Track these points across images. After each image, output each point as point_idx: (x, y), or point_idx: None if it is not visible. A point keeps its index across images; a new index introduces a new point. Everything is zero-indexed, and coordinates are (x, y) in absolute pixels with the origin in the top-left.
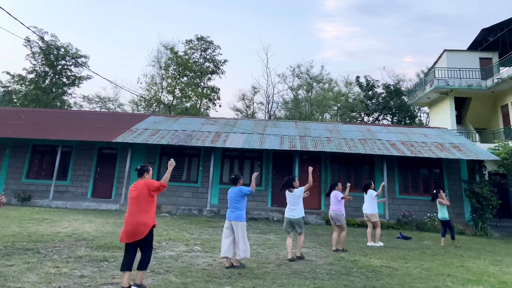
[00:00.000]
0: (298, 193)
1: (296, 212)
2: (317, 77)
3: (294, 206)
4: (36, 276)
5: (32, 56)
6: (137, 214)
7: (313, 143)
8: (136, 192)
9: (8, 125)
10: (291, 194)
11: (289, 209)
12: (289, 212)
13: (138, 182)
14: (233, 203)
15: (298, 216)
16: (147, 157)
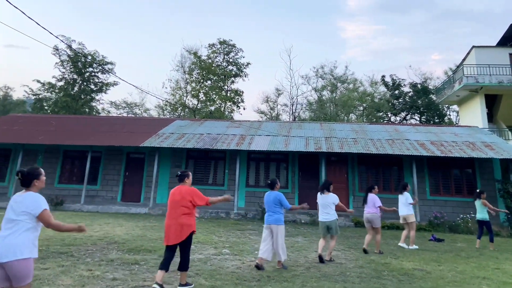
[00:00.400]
0: (332, 199)
1: (330, 215)
2: (341, 78)
3: (326, 209)
4: (70, 279)
5: (61, 64)
6: (179, 217)
7: (339, 144)
8: (180, 197)
9: (40, 131)
10: (325, 197)
11: (323, 213)
12: (324, 215)
13: (182, 187)
14: (271, 207)
15: (333, 218)
16: (173, 161)
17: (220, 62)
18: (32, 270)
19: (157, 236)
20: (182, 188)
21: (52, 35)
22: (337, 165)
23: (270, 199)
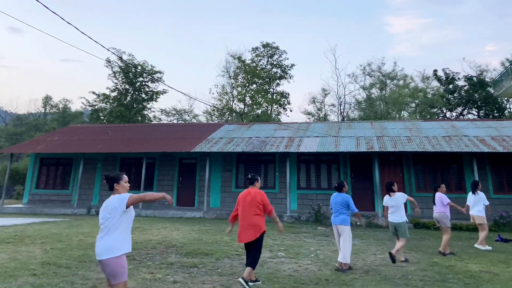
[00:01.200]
0: (399, 199)
1: (398, 216)
2: (390, 74)
3: (395, 209)
4: (134, 282)
5: (114, 76)
6: (251, 218)
7: (392, 143)
8: (250, 198)
9: (98, 140)
10: (391, 199)
11: (391, 213)
12: (392, 216)
13: (251, 190)
14: (337, 208)
15: (401, 220)
16: (224, 165)
17: (264, 65)
18: (125, 267)
19: (213, 239)
20: (252, 190)
21: (104, 48)
22: (391, 165)
23: (338, 201)
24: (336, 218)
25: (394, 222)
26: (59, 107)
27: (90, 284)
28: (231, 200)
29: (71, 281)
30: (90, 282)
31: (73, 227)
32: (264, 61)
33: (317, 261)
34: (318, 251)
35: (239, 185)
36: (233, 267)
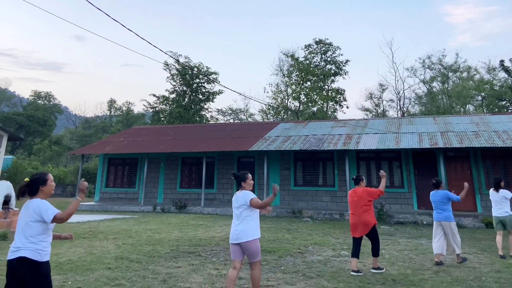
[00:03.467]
0: (506, 195)
1: (504, 210)
2: (453, 66)
3: (500, 205)
4: (200, 277)
5: (172, 78)
6: (362, 214)
7: (458, 138)
8: (357, 197)
9: (160, 141)
10: (496, 194)
11: (496, 208)
12: (497, 210)
13: (357, 189)
14: (439, 205)
15: (507, 214)
16: (282, 163)
17: (318, 62)
18: (260, 249)
19: (274, 237)
20: (358, 190)
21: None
22: (458, 162)
23: (438, 198)
24: (440, 215)
25: (500, 216)
26: (123, 110)
27: (161, 278)
28: (290, 198)
29: (142, 275)
30: (160, 277)
31: (141, 224)
32: (318, 58)
33: (382, 260)
34: (383, 251)
35: (298, 183)
36: (296, 265)
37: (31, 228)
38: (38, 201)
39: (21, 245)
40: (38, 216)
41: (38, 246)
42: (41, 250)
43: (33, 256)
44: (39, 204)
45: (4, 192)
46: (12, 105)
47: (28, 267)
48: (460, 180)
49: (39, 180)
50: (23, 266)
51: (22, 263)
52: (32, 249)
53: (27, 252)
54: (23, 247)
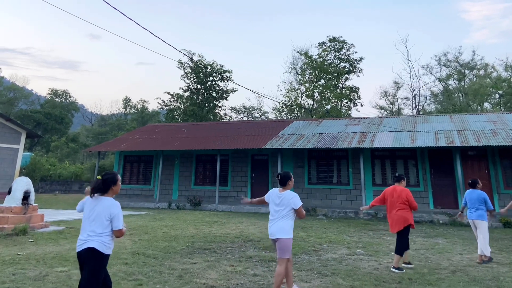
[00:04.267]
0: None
1: None
2: (469, 64)
3: None
4: (216, 273)
5: (186, 76)
6: (397, 211)
7: (475, 137)
8: (396, 195)
9: (174, 138)
10: None
11: None
12: None
13: (397, 187)
14: (475, 203)
15: None
16: (295, 161)
17: (331, 60)
18: (290, 247)
19: None
20: (397, 188)
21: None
22: (475, 160)
23: (474, 197)
24: (473, 214)
25: None
26: (138, 108)
27: (177, 274)
28: (304, 196)
29: (159, 271)
30: (176, 272)
31: (156, 220)
32: (332, 56)
33: None
34: None
35: (312, 181)
36: (311, 262)
37: (102, 223)
38: (115, 204)
39: (89, 237)
40: (110, 217)
41: (105, 239)
42: (107, 243)
43: (100, 248)
44: (116, 208)
45: (24, 188)
46: (30, 103)
47: (93, 255)
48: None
49: (112, 180)
50: (89, 255)
51: (89, 252)
52: (100, 241)
53: (95, 244)
54: (91, 239)
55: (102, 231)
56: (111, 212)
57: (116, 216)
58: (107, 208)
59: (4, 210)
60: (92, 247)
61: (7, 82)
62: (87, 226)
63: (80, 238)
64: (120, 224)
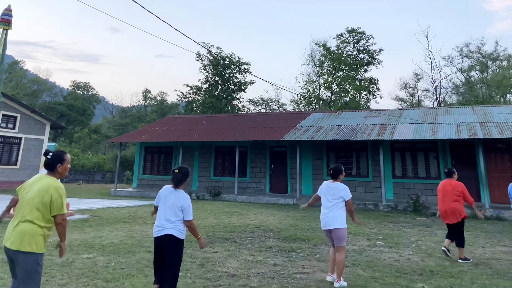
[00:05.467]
0: None
1: None
2: (492, 55)
3: None
4: (237, 263)
5: (204, 69)
6: (450, 203)
7: (498, 129)
8: (451, 188)
9: (193, 130)
10: None
11: None
12: None
13: (451, 181)
14: None
15: None
16: (314, 153)
17: (350, 52)
18: (345, 235)
19: (308, 226)
20: (452, 181)
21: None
22: (498, 153)
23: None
24: None
25: None
26: (157, 100)
27: (198, 262)
28: None
29: None
30: (198, 261)
31: None
32: (350, 47)
33: (419, 251)
34: (420, 242)
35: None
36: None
37: (175, 213)
38: (186, 198)
39: (167, 225)
40: (181, 208)
41: (180, 226)
42: (181, 230)
43: (176, 234)
44: (186, 201)
45: None
46: (53, 95)
47: (171, 241)
48: (500, 172)
49: (187, 174)
50: (168, 240)
51: (167, 239)
52: (176, 228)
53: (172, 230)
54: (168, 227)
55: (175, 219)
56: (182, 204)
57: (186, 208)
58: (180, 200)
59: None
60: (170, 233)
61: (31, 74)
62: (162, 214)
63: (157, 225)
64: (190, 216)
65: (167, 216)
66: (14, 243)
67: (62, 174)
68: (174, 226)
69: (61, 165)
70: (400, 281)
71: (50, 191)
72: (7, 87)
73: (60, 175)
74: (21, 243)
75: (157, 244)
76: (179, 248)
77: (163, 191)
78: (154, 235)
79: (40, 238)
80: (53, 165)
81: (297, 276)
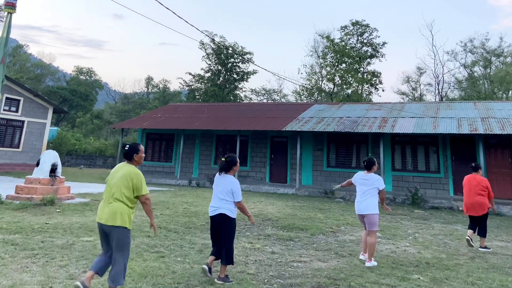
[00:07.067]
0: None
1: None
2: (496, 51)
3: None
4: (235, 250)
5: (207, 57)
6: (475, 197)
7: (500, 125)
8: (475, 182)
9: (195, 118)
10: None
11: None
12: None
13: (476, 176)
14: None
15: None
16: (315, 144)
17: (354, 44)
18: (377, 221)
19: (307, 215)
20: (477, 176)
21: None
22: (498, 149)
23: None
24: None
25: None
26: (160, 87)
27: (197, 248)
28: (322, 178)
29: (180, 244)
30: (197, 247)
31: (177, 197)
32: (354, 40)
33: (416, 244)
34: (417, 234)
35: (331, 164)
36: (329, 243)
37: (227, 194)
38: (235, 182)
39: (220, 205)
40: (231, 191)
41: (231, 206)
42: (232, 209)
43: (229, 213)
44: (236, 185)
45: (52, 161)
46: (56, 79)
47: (225, 220)
48: (500, 168)
49: (233, 162)
50: (222, 219)
51: (221, 217)
52: (227, 208)
53: (224, 210)
54: (222, 207)
55: (227, 200)
56: (232, 188)
57: (236, 191)
58: (229, 184)
59: (33, 181)
60: (223, 213)
61: (34, 59)
62: (216, 197)
63: (212, 205)
64: (239, 197)
65: (221, 198)
66: (109, 219)
67: (138, 162)
68: (226, 207)
69: (136, 154)
70: (396, 272)
71: (130, 176)
72: (11, 70)
73: (137, 163)
74: (114, 219)
75: (213, 222)
76: (232, 225)
77: (216, 178)
78: (209, 214)
79: (128, 215)
80: (130, 154)
81: (294, 265)
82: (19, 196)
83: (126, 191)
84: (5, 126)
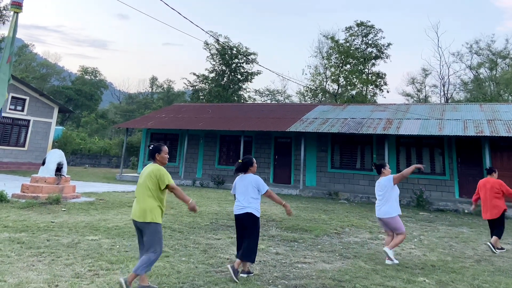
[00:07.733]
0: None
1: None
2: (502, 52)
3: None
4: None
5: (211, 58)
6: (490, 200)
7: (506, 127)
8: (490, 186)
9: (199, 118)
10: None
11: None
12: None
13: (490, 179)
14: None
15: None
16: (319, 145)
17: (358, 45)
18: (401, 223)
19: (311, 217)
20: (490, 179)
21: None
22: (504, 151)
23: None
24: None
25: None
26: (164, 87)
27: (201, 248)
28: (326, 180)
29: (184, 244)
30: (201, 247)
31: None
32: (359, 41)
33: (421, 246)
34: (422, 237)
35: (335, 165)
36: (333, 244)
37: (253, 191)
38: (257, 177)
39: (247, 205)
40: (257, 186)
41: (256, 205)
42: (258, 209)
43: (255, 212)
44: (259, 180)
45: (57, 160)
46: (62, 79)
47: (251, 219)
48: (506, 170)
49: (249, 162)
50: (248, 218)
51: (248, 216)
52: (254, 208)
53: (251, 209)
54: (248, 206)
55: (255, 198)
56: (257, 183)
57: (260, 184)
58: (253, 181)
59: (38, 180)
60: (250, 212)
61: (40, 58)
62: (242, 197)
63: (237, 204)
64: (265, 188)
65: (248, 196)
66: (140, 217)
67: (161, 161)
68: (253, 206)
69: (158, 154)
70: (401, 274)
71: (154, 173)
72: (17, 70)
73: (160, 163)
74: (145, 216)
75: (238, 220)
76: (257, 224)
77: (236, 180)
78: (234, 212)
79: (157, 211)
80: (153, 154)
81: (299, 266)
82: (25, 195)
83: (152, 187)
84: (11, 125)
